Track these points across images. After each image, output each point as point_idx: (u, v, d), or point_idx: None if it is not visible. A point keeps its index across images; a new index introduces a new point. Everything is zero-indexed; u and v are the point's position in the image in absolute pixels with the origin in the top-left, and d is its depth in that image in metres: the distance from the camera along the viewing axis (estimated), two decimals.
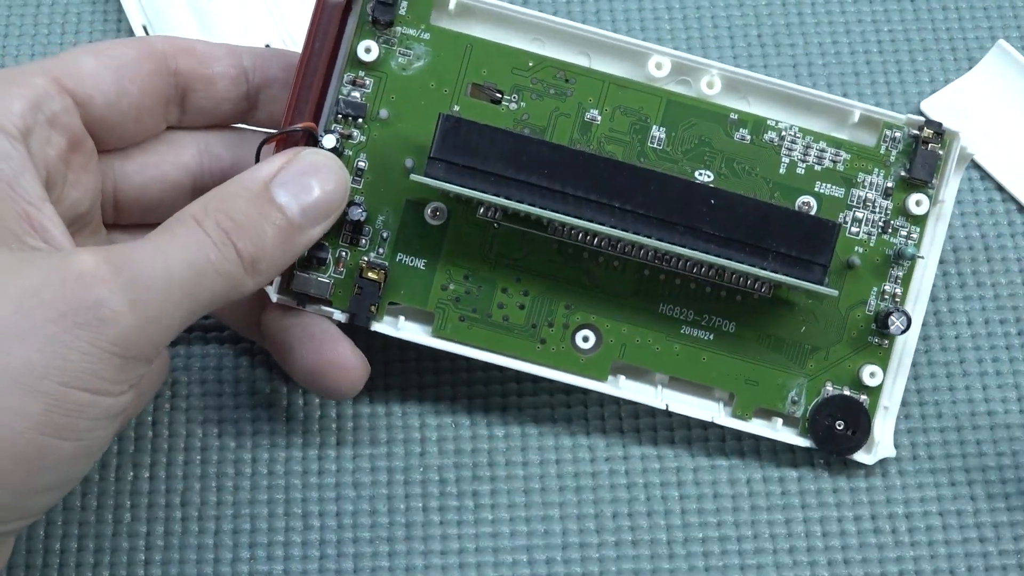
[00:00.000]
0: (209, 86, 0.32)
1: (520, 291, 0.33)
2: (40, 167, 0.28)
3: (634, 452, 0.35)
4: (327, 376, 0.32)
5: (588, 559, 0.34)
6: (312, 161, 0.30)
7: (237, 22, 0.39)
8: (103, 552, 0.34)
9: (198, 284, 0.27)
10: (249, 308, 0.34)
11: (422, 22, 0.33)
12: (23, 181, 0.27)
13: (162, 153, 0.33)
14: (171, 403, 0.36)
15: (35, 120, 0.28)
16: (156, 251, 0.26)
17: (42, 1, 0.42)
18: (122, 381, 0.26)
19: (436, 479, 0.35)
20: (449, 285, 0.33)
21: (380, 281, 0.32)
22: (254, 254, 0.28)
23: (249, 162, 0.32)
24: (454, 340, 0.33)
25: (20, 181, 0.27)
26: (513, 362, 0.33)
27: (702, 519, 0.34)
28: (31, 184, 0.27)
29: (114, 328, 0.25)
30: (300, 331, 0.32)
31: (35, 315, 0.24)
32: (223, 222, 0.27)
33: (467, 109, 0.33)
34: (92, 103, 0.30)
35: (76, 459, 0.26)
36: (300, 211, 0.29)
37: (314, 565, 0.34)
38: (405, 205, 0.33)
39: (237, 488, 0.35)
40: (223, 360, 0.36)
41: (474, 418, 0.36)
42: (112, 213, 0.33)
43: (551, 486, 0.35)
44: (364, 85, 0.32)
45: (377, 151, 0.32)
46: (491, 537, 0.34)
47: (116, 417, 0.26)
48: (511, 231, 0.33)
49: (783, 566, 0.34)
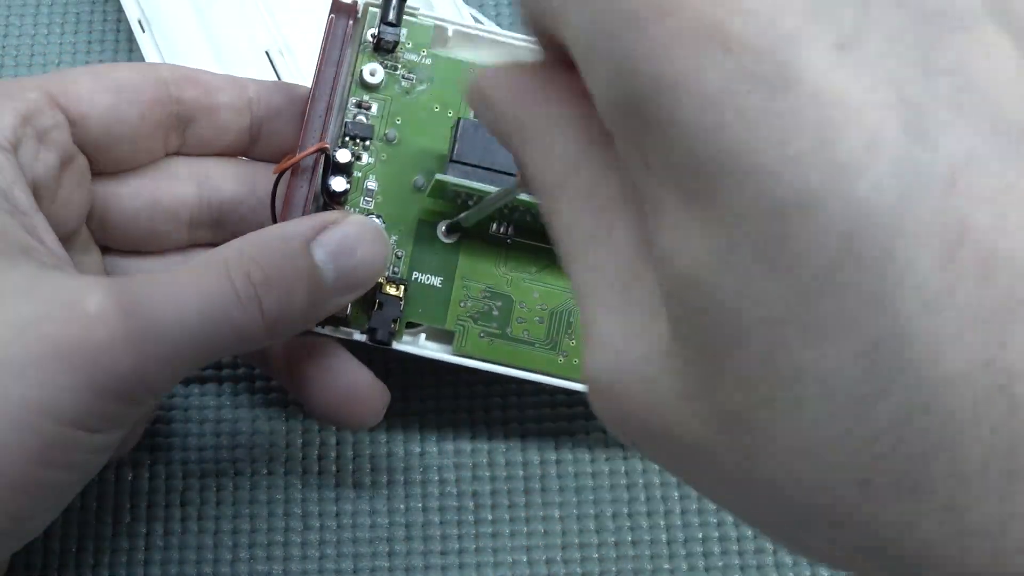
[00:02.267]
0: (212, 116, 0.31)
1: (538, 305, 0.33)
2: (28, 180, 0.27)
3: (634, 452, 0.35)
4: (349, 410, 0.31)
5: (588, 559, 0.34)
6: (357, 231, 0.28)
7: (236, 30, 0.39)
8: (103, 552, 0.34)
9: (211, 337, 0.26)
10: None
11: (422, 49, 0.33)
12: (16, 191, 0.27)
13: (157, 180, 0.32)
14: (171, 403, 0.36)
15: (24, 133, 0.28)
16: (172, 295, 0.25)
17: (42, 1, 0.42)
18: (119, 420, 0.25)
19: (436, 479, 0.35)
20: (467, 302, 0.33)
21: (400, 296, 0.32)
22: (278, 316, 0.26)
23: (250, 196, 0.32)
24: (476, 357, 0.33)
25: (13, 191, 0.26)
26: (536, 376, 0.33)
27: (702, 519, 0.34)
28: (23, 194, 0.27)
29: (113, 375, 0.24)
30: (316, 362, 0.31)
31: (33, 348, 0.24)
32: (255, 274, 0.26)
33: None
34: (86, 123, 0.29)
35: (71, 485, 0.26)
36: (336, 276, 0.27)
37: (314, 565, 0.34)
38: (418, 224, 0.33)
39: (237, 488, 0.35)
40: (222, 360, 0.36)
41: (474, 418, 0.36)
42: (103, 237, 0.32)
43: (551, 486, 0.35)
44: (369, 108, 0.32)
45: (387, 172, 0.32)
46: (491, 537, 0.34)
47: (110, 448, 0.26)
48: (525, 246, 0.33)
49: (783, 566, 0.34)
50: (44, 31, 0.42)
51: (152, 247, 0.33)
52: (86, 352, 0.24)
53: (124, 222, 0.32)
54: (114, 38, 0.41)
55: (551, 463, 0.35)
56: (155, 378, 0.25)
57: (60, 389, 0.24)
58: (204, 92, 0.31)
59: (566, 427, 0.36)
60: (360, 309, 0.32)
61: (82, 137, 0.30)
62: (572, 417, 0.36)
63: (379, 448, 0.35)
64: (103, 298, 0.24)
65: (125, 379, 0.24)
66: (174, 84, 0.31)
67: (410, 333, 0.33)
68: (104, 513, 0.34)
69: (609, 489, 0.35)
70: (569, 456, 0.35)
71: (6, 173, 0.27)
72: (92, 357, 0.24)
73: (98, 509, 0.34)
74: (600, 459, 0.35)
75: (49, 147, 0.28)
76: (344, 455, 0.35)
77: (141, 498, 0.34)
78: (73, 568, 0.33)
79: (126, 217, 0.32)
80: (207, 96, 0.31)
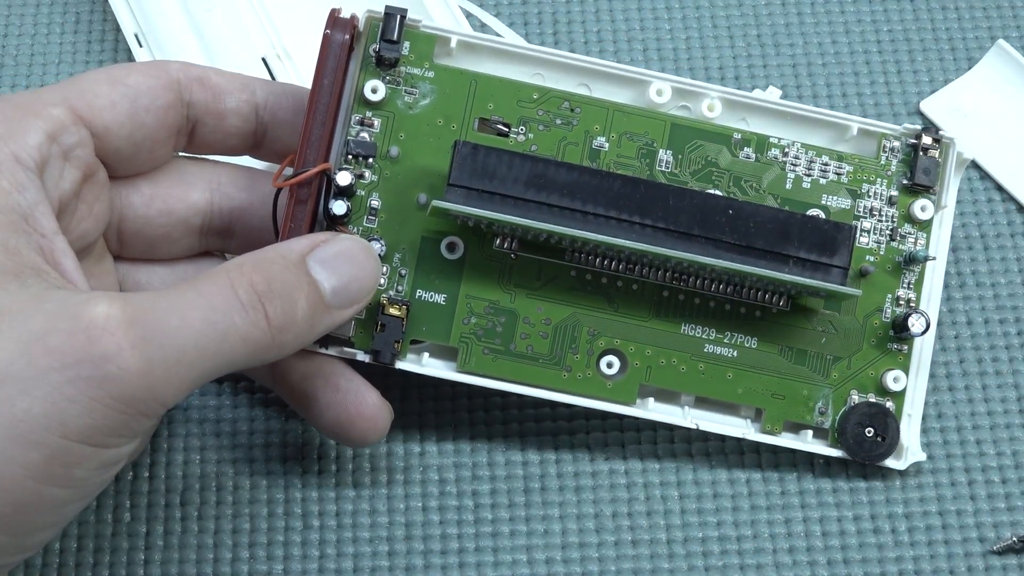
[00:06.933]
0: (220, 121, 0.32)
1: (542, 320, 0.33)
2: (53, 200, 0.27)
3: (634, 452, 0.35)
4: (355, 429, 0.31)
5: (588, 559, 0.34)
6: (349, 247, 0.29)
7: (232, 38, 0.39)
8: (103, 552, 0.34)
9: (218, 348, 0.26)
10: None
11: (425, 61, 0.33)
12: (38, 213, 0.27)
13: (170, 187, 0.32)
14: None
15: (51, 152, 0.28)
16: (177, 306, 0.25)
17: (42, 1, 0.42)
18: (124, 435, 0.25)
19: (436, 479, 0.35)
20: (471, 319, 0.33)
21: (403, 317, 0.32)
22: (283, 323, 0.27)
23: (261, 205, 0.32)
24: (480, 374, 0.33)
25: (35, 213, 0.27)
26: (541, 392, 0.33)
27: (702, 519, 0.34)
28: (45, 217, 0.27)
29: (119, 384, 0.24)
30: (323, 382, 0.31)
31: (39, 362, 0.24)
32: (258, 284, 0.26)
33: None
34: (108, 134, 0.29)
35: (73, 503, 0.26)
36: (332, 291, 0.28)
37: (314, 565, 0.34)
38: (421, 242, 0.33)
39: (237, 488, 0.35)
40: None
41: (474, 418, 0.36)
42: (116, 245, 0.32)
43: (551, 486, 0.35)
44: (372, 125, 0.32)
45: (389, 189, 0.32)
46: (491, 537, 0.34)
47: (116, 464, 0.26)
48: (529, 261, 0.33)
49: (783, 566, 0.34)
50: (44, 31, 0.42)
51: (164, 254, 0.33)
52: (93, 362, 0.24)
53: (138, 229, 0.32)
54: (114, 38, 0.41)
55: (551, 463, 0.35)
56: (163, 387, 0.25)
57: (68, 402, 0.24)
58: (213, 96, 0.31)
59: (566, 427, 0.36)
60: (364, 330, 0.32)
61: (103, 148, 0.30)
62: (572, 417, 0.36)
63: (379, 448, 0.35)
64: (108, 308, 0.24)
65: (133, 388, 0.24)
66: (184, 85, 0.31)
67: (414, 351, 0.33)
68: (104, 513, 0.34)
69: (609, 489, 0.35)
70: (569, 456, 0.35)
71: (29, 194, 0.27)
72: (99, 367, 0.24)
73: (98, 509, 0.34)
74: (600, 459, 0.35)
75: (74, 164, 0.29)
76: (344, 455, 0.35)
77: (141, 498, 0.34)
78: (73, 568, 0.33)
79: (140, 224, 0.32)
80: (215, 101, 0.31)
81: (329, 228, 0.31)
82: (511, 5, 0.42)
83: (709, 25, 0.42)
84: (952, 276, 0.38)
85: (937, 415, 0.36)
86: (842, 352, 0.34)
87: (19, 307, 0.24)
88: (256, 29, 0.39)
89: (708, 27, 0.42)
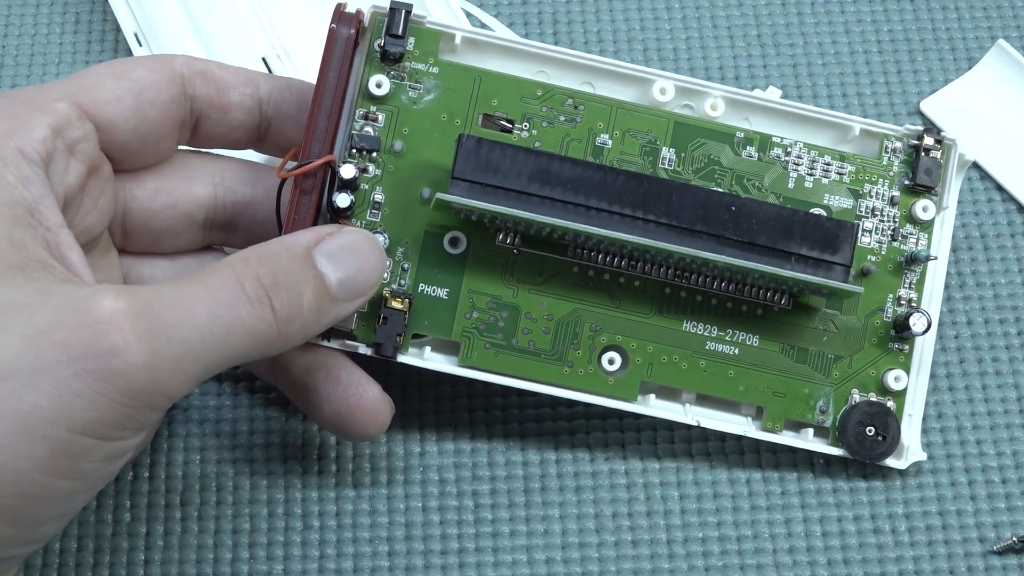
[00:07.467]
0: (223, 115, 0.32)
1: (544, 315, 0.33)
2: (58, 194, 0.28)
3: (634, 452, 0.35)
4: (356, 421, 0.31)
5: (588, 559, 0.34)
6: (354, 239, 0.29)
7: (232, 38, 0.39)
8: (103, 552, 0.34)
9: (224, 340, 0.26)
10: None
11: (430, 56, 0.33)
12: (43, 207, 0.27)
13: (174, 181, 0.32)
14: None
15: (55, 147, 0.28)
16: (183, 300, 0.25)
17: (42, 1, 0.42)
18: (130, 428, 0.25)
19: (436, 479, 0.35)
20: (473, 313, 0.33)
21: (405, 310, 0.32)
22: (289, 315, 0.27)
23: (264, 199, 0.32)
24: (482, 368, 0.33)
25: (40, 207, 0.27)
26: (542, 387, 0.33)
27: (702, 519, 0.34)
28: (50, 210, 0.27)
29: (125, 378, 0.24)
30: (324, 374, 0.31)
31: (46, 356, 0.24)
32: (264, 277, 0.26)
33: None
34: (113, 128, 0.30)
35: (78, 495, 0.26)
36: (337, 283, 0.28)
37: (314, 565, 0.34)
38: (424, 236, 0.33)
39: (237, 488, 0.35)
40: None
41: (474, 418, 0.36)
42: (120, 238, 0.32)
43: (551, 486, 0.35)
44: (376, 119, 0.32)
45: (393, 184, 0.32)
46: (491, 537, 0.34)
47: (122, 456, 0.26)
48: (531, 256, 0.33)
49: (783, 566, 0.34)
50: (44, 31, 0.42)
51: (167, 248, 0.33)
52: (99, 356, 0.24)
53: (142, 222, 0.32)
54: (114, 38, 0.41)
55: (551, 463, 0.35)
56: (169, 380, 0.25)
57: (74, 395, 0.24)
58: (216, 90, 0.31)
59: (566, 427, 0.36)
60: (366, 323, 0.32)
61: (107, 142, 0.30)
62: (572, 417, 0.36)
63: (379, 448, 0.35)
64: (114, 302, 0.24)
65: (139, 382, 0.24)
66: (188, 79, 0.31)
67: (416, 344, 0.33)
68: (104, 513, 0.34)
69: (609, 489, 0.35)
70: (569, 456, 0.35)
71: (34, 188, 0.27)
72: (105, 360, 0.24)
73: (98, 509, 0.34)
74: (600, 459, 0.35)
75: (78, 159, 0.29)
76: (344, 455, 0.35)
77: (141, 498, 0.34)
78: (73, 568, 0.33)
79: (144, 217, 0.32)
80: (219, 95, 0.31)
81: (333, 221, 0.31)
82: (511, 5, 0.42)
83: (709, 25, 0.42)
84: (952, 276, 0.38)
85: (937, 415, 0.36)
86: (843, 351, 0.34)
87: (25, 301, 0.24)
88: (256, 29, 0.39)
89: (708, 27, 0.42)
